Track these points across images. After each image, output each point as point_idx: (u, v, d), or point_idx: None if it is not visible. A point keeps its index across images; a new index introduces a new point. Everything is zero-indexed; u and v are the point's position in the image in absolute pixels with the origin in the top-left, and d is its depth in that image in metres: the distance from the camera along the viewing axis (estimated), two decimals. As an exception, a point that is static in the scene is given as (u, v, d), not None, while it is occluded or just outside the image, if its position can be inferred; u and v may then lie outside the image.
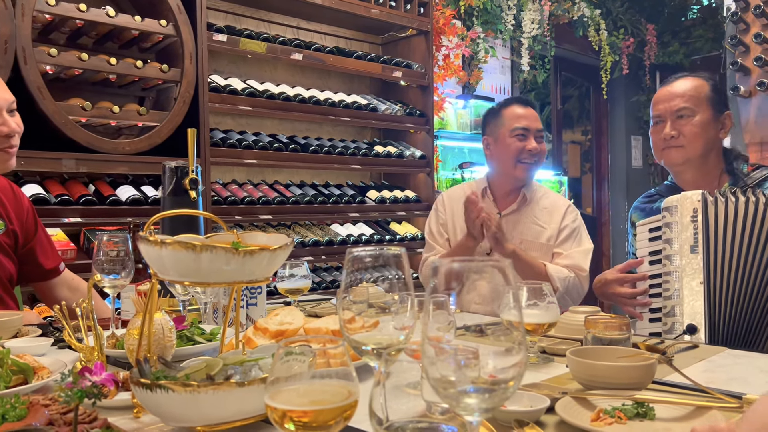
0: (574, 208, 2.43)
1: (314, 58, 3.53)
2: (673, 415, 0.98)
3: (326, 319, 1.36)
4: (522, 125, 2.36)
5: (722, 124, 1.92)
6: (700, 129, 1.89)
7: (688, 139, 1.90)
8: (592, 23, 5.62)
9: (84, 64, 2.67)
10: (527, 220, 2.38)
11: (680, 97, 1.92)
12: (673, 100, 1.93)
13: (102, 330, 1.25)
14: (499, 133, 2.39)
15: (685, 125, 1.90)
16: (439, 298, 0.72)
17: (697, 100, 1.90)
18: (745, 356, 1.40)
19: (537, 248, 2.34)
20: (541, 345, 1.45)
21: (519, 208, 2.39)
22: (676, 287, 1.73)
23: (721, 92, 1.94)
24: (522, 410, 0.96)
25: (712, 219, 1.71)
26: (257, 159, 3.28)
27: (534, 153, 2.35)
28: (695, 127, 1.89)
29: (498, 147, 2.39)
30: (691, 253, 1.72)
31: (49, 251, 2.10)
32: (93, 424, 0.87)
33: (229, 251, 0.94)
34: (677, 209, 1.77)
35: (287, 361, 0.74)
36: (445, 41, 4.49)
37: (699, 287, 1.69)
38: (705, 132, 1.89)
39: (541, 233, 2.37)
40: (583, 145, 7.10)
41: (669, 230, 1.78)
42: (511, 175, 2.39)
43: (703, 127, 1.89)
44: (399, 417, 0.73)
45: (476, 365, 0.66)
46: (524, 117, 2.39)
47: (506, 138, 2.37)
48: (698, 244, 1.71)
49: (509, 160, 2.36)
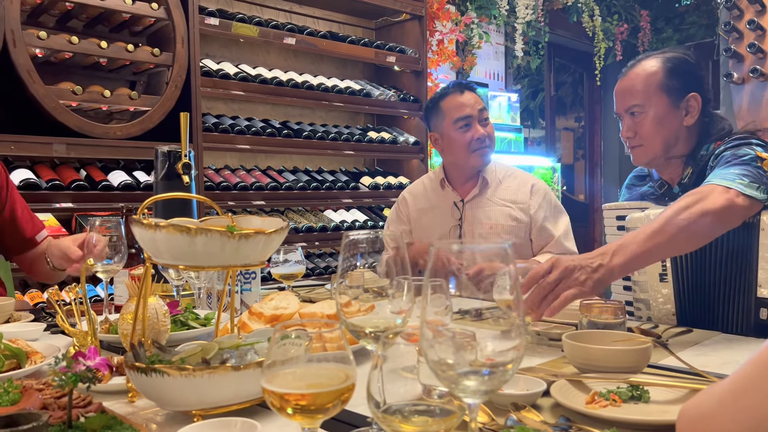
0: (542, 184, 2.37)
1: (307, 43, 3.50)
2: (667, 398, 0.98)
3: (321, 304, 1.36)
4: (464, 114, 2.27)
5: (685, 109, 1.68)
6: (655, 126, 1.68)
7: (645, 139, 1.71)
8: (586, 9, 5.60)
9: (74, 48, 2.64)
10: (492, 203, 2.32)
11: (629, 93, 1.71)
12: (624, 97, 1.73)
13: (95, 315, 1.24)
14: (442, 127, 2.31)
15: (639, 124, 1.71)
16: (437, 282, 0.71)
17: (646, 94, 1.68)
18: (738, 340, 1.41)
19: (508, 231, 2.28)
20: (536, 329, 1.46)
21: (481, 192, 2.33)
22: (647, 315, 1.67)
23: (688, 70, 1.69)
24: (518, 393, 0.96)
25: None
26: (250, 144, 3.26)
27: (483, 138, 2.28)
28: (649, 125, 1.69)
29: (446, 141, 2.32)
30: (661, 282, 1.63)
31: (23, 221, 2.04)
32: (87, 409, 0.86)
33: (224, 234, 0.93)
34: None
35: (284, 344, 0.74)
36: (439, 26, 4.47)
37: (672, 318, 1.63)
38: (662, 127, 1.68)
39: (509, 214, 2.30)
40: (576, 132, 7.10)
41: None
42: (466, 166, 2.33)
43: (658, 123, 1.68)
44: (396, 400, 0.73)
45: (474, 348, 0.66)
46: (464, 104, 2.29)
47: (451, 131, 2.28)
48: (666, 272, 1.62)
49: (461, 152, 2.29)
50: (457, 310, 0.97)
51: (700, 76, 1.71)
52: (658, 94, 1.68)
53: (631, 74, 1.73)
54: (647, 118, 1.69)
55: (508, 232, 2.28)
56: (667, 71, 1.68)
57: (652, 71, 1.69)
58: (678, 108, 1.68)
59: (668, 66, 1.69)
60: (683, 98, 1.68)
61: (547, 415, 0.93)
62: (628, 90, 1.72)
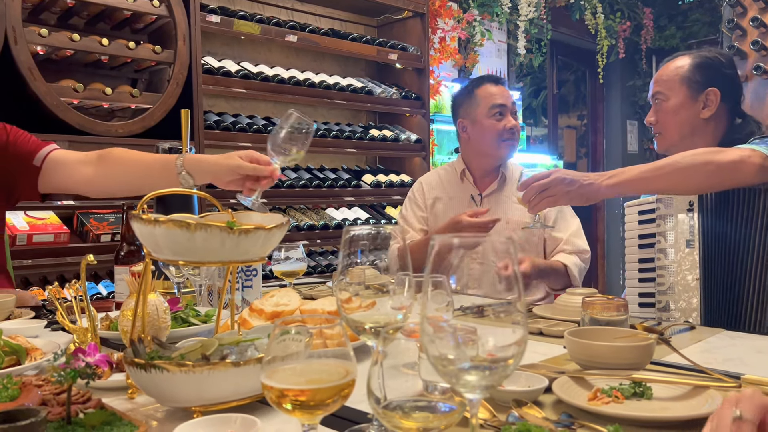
0: None
1: (309, 40, 3.50)
2: (670, 395, 0.98)
3: (322, 301, 1.35)
4: (499, 102, 2.32)
5: (704, 102, 1.79)
6: (672, 114, 1.82)
7: (663, 126, 1.86)
8: (588, 7, 5.58)
9: (75, 45, 2.63)
10: (509, 200, 2.33)
11: (657, 82, 1.87)
12: (654, 86, 1.89)
13: (96, 311, 1.23)
14: (476, 114, 2.34)
15: (659, 111, 1.86)
16: (438, 278, 0.71)
17: (670, 84, 1.83)
18: (741, 337, 1.40)
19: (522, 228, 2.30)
20: (538, 327, 1.45)
21: (500, 187, 2.35)
22: (671, 281, 1.71)
23: (714, 68, 1.81)
24: (520, 390, 0.96)
25: (707, 211, 1.68)
26: (252, 142, 3.25)
27: (514, 130, 2.33)
28: (667, 112, 1.83)
29: (476, 128, 2.35)
30: (687, 247, 1.69)
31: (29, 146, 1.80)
32: (86, 405, 0.86)
33: (224, 230, 0.92)
34: (672, 200, 1.73)
35: (283, 340, 0.73)
36: (441, 24, 4.46)
37: (695, 282, 1.67)
38: (677, 115, 1.81)
39: (524, 213, 2.26)
40: (579, 130, 7.08)
41: (663, 223, 1.74)
42: (493, 156, 2.35)
43: (675, 111, 1.82)
44: (397, 396, 0.72)
45: (475, 343, 0.66)
46: (499, 95, 2.34)
47: (484, 118, 2.32)
48: (694, 238, 1.68)
49: (491, 140, 2.32)
50: (459, 306, 0.97)
51: (729, 76, 1.83)
52: (679, 84, 1.82)
53: (664, 67, 1.89)
54: (667, 105, 1.84)
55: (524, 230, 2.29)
56: (693, 66, 1.82)
57: (681, 65, 1.84)
58: (696, 100, 1.80)
59: (696, 62, 1.83)
60: (702, 92, 1.80)
61: (549, 412, 0.93)
62: (657, 80, 1.88)
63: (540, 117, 6.53)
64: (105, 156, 1.76)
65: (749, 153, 1.51)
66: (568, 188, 1.57)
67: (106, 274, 2.80)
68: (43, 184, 1.81)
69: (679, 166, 1.54)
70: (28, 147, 1.80)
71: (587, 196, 1.58)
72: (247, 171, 1.50)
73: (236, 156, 1.53)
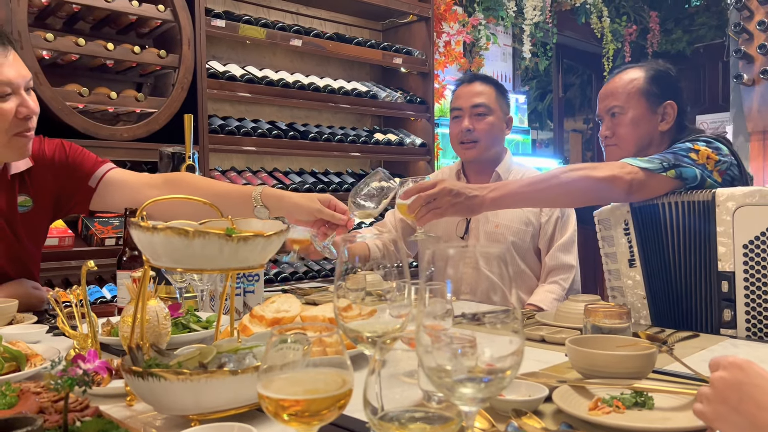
0: None
1: (314, 45, 3.50)
2: (672, 405, 0.97)
3: (323, 307, 1.35)
4: (456, 106, 2.33)
5: (662, 115, 1.82)
6: (631, 127, 1.83)
7: (621, 138, 1.85)
8: (594, 10, 5.56)
9: (81, 50, 2.64)
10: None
11: (611, 95, 1.86)
12: (606, 99, 1.88)
13: (96, 317, 1.23)
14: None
15: (617, 124, 1.85)
16: (436, 285, 0.70)
17: (627, 97, 1.83)
18: (745, 345, 1.39)
19: (514, 233, 2.25)
20: (540, 334, 1.44)
21: None
22: (622, 302, 1.74)
23: (668, 81, 1.84)
24: (520, 399, 0.95)
25: (639, 229, 1.68)
26: (256, 146, 3.26)
27: (465, 132, 2.28)
28: (626, 125, 1.83)
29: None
30: (630, 267, 1.71)
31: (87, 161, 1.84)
32: (84, 412, 0.85)
33: (222, 237, 0.92)
34: (610, 222, 1.75)
35: (281, 349, 0.73)
36: (446, 28, 4.45)
37: (644, 302, 1.70)
38: (637, 128, 1.82)
39: (519, 217, 2.26)
40: (585, 134, 7.06)
41: (606, 245, 1.77)
42: (461, 157, 2.39)
43: (635, 124, 1.82)
44: (394, 406, 0.72)
45: (473, 354, 0.65)
46: (458, 97, 2.35)
47: (450, 122, 2.38)
48: (635, 257, 1.70)
49: (453, 144, 2.38)
50: (459, 314, 0.96)
51: (679, 88, 1.86)
52: (637, 97, 1.83)
53: (615, 80, 1.89)
54: (626, 118, 1.84)
55: (514, 234, 2.25)
56: (648, 79, 1.84)
57: (635, 77, 1.85)
58: (655, 113, 1.83)
59: (649, 74, 1.84)
60: (660, 104, 1.82)
61: (548, 422, 0.92)
62: (611, 93, 1.87)
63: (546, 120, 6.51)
64: (175, 181, 1.79)
65: (621, 169, 1.57)
66: (455, 200, 1.57)
67: (110, 277, 2.80)
68: (96, 203, 1.85)
69: (558, 181, 1.59)
70: (85, 167, 1.83)
71: (472, 209, 1.60)
72: (326, 217, 1.59)
73: (317, 200, 1.61)
